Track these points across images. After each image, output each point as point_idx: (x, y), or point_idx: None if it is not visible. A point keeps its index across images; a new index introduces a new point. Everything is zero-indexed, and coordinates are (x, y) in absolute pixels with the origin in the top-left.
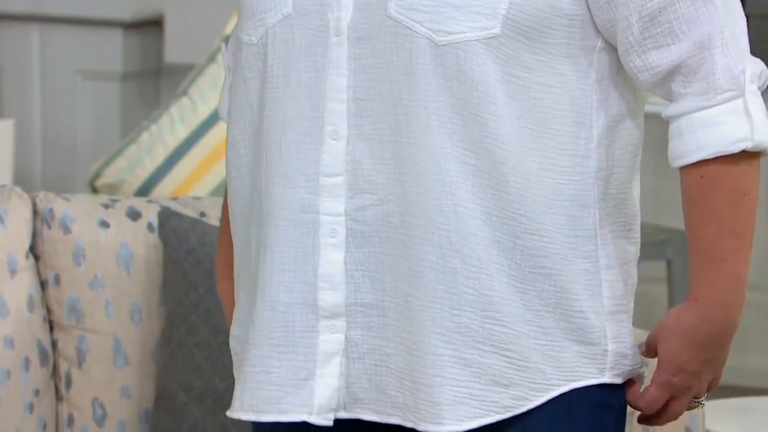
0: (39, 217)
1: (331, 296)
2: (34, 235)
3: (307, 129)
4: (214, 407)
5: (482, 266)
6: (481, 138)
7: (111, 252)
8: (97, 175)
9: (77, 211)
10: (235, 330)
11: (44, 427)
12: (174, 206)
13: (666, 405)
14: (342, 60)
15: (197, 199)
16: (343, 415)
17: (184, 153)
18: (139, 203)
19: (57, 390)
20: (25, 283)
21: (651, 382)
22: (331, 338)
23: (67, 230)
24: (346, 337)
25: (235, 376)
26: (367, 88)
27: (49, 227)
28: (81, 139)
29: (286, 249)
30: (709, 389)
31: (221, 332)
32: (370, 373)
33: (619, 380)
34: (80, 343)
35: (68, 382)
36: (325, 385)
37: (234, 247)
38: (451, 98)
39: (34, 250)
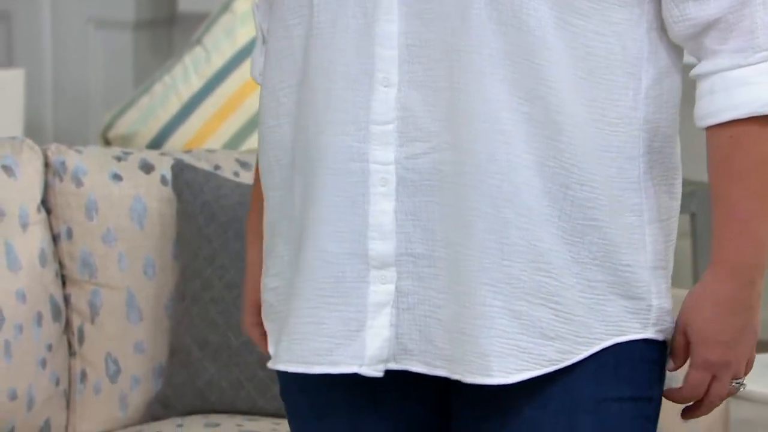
0: (51, 169)
1: (381, 246)
2: (46, 188)
3: (356, 76)
4: (228, 363)
5: (533, 216)
6: (535, 85)
7: (124, 205)
8: (109, 126)
9: (89, 163)
10: (271, 283)
11: (57, 382)
12: (188, 159)
13: (707, 389)
14: (392, 5)
15: (211, 151)
16: (392, 366)
17: (198, 104)
18: (152, 156)
19: (70, 345)
20: (36, 236)
21: (689, 368)
22: (381, 288)
23: (79, 183)
24: (396, 287)
25: (267, 327)
26: (418, 34)
27: (61, 180)
28: (93, 89)
29: (335, 198)
30: (746, 371)
31: (236, 287)
32: (420, 324)
33: (660, 336)
34: (93, 297)
35: (81, 337)
36: (376, 336)
37: (268, 198)
38: (505, 44)
39: (45, 204)
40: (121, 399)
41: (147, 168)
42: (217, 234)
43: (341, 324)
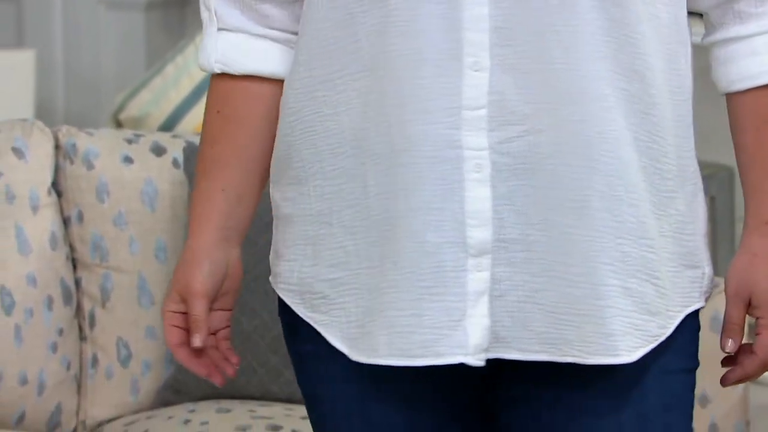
0: (61, 152)
1: (479, 233)
2: (57, 170)
3: (444, 62)
4: (240, 347)
5: (639, 192)
6: (632, 60)
7: (135, 188)
8: (121, 108)
9: (101, 146)
10: (328, 273)
11: (68, 366)
12: (199, 141)
13: None
14: None
15: None
16: (485, 355)
17: None
18: (163, 138)
19: (81, 329)
20: (47, 219)
21: (758, 332)
22: (478, 276)
23: (90, 166)
24: (491, 274)
25: (315, 317)
26: (509, 16)
27: (72, 163)
28: (104, 70)
29: (431, 187)
30: None
31: (247, 272)
32: (513, 310)
33: (704, 303)
34: (104, 281)
35: (92, 322)
36: (477, 325)
37: (312, 187)
38: (607, 21)
39: (56, 186)
40: (133, 384)
41: (158, 150)
42: None
43: (444, 314)
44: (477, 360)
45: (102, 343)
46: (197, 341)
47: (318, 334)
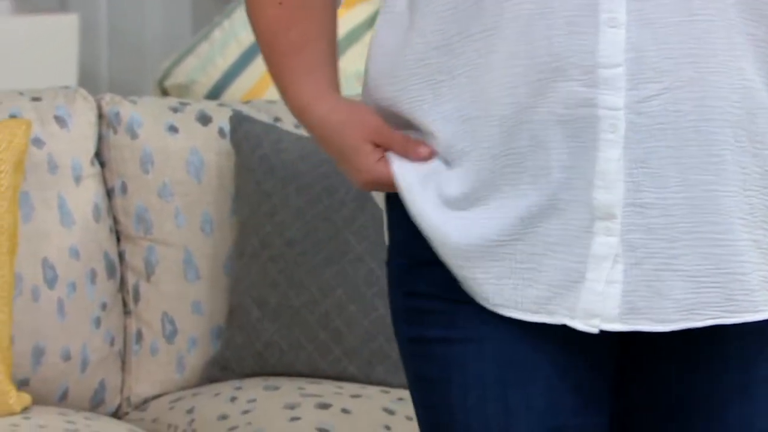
0: (105, 121)
1: (605, 195)
2: (100, 140)
3: (577, 18)
4: (289, 323)
5: (765, 141)
6: (761, 4)
7: (180, 158)
8: (166, 75)
9: (145, 114)
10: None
11: (112, 342)
12: (246, 110)
13: None
14: None
15: (271, 102)
16: (617, 327)
17: (259, 51)
18: (209, 107)
19: (125, 304)
20: (90, 191)
21: None
22: (604, 241)
23: (134, 135)
24: (623, 241)
25: (456, 263)
26: None
27: (116, 132)
28: (149, 35)
29: (564, 146)
30: None
31: (297, 244)
32: (651, 278)
33: None
34: (149, 254)
35: (136, 296)
36: (591, 290)
37: (445, 152)
38: None
39: (99, 156)
40: (178, 360)
41: (204, 119)
42: (276, 189)
43: (562, 273)
44: (587, 326)
45: (147, 318)
46: (425, 149)
47: (451, 316)
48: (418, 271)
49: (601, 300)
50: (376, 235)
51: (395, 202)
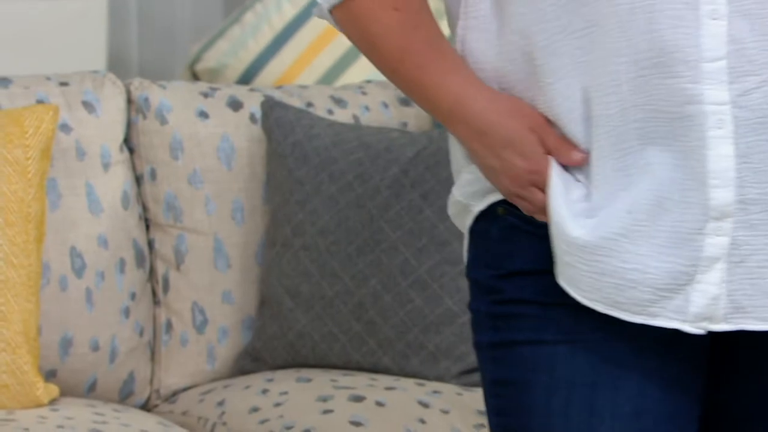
0: (134, 106)
1: (722, 194)
2: (129, 126)
3: (680, 12)
4: (321, 314)
5: None
6: None
7: (211, 145)
8: (196, 59)
9: (174, 100)
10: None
11: (141, 332)
12: (278, 95)
13: None
14: None
15: (304, 87)
16: (723, 327)
17: (292, 35)
18: (240, 92)
19: (154, 293)
20: (119, 177)
21: None
22: (716, 241)
23: (163, 121)
24: (731, 239)
25: (563, 256)
26: None
27: (145, 117)
28: (180, 18)
29: (673, 145)
30: None
31: (329, 233)
32: (754, 276)
33: None
34: (179, 243)
35: (166, 286)
36: (703, 293)
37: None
38: None
39: (128, 143)
40: (209, 351)
41: (235, 105)
42: (309, 176)
43: (669, 277)
44: (696, 328)
45: (176, 308)
46: (578, 154)
47: (543, 319)
48: (508, 280)
49: (712, 303)
50: (412, 223)
51: (490, 214)
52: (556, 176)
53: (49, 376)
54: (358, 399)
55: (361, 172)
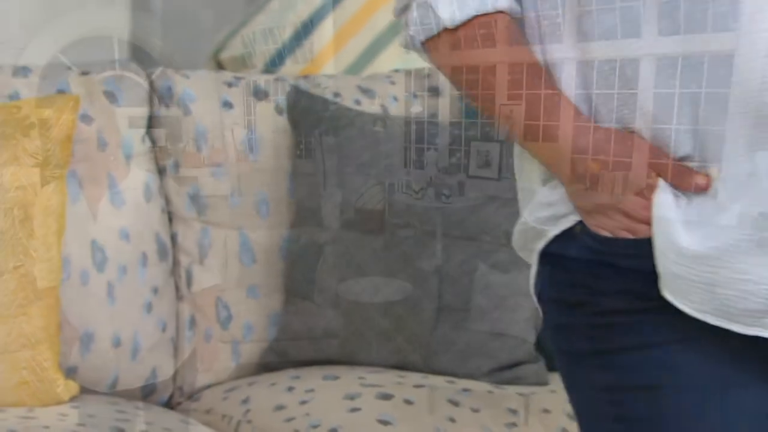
0: (156, 96)
1: None
2: (151, 116)
3: None
4: (348, 310)
5: None
6: None
7: (235, 136)
8: (221, 48)
9: (198, 89)
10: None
11: (164, 328)
12: (304, 85)
13: None
14: None
15: (331, 77)
16: None
17: (317, 23)
18: (265, 81)
19: (177, 288)
20: (141, 169)
21: None
22: None
23: (186, 111)
24: None
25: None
26: None
27: (168, 107)
28: (203, 5)
29: None
30: None
31: (355, 228)
32: None
33: None
34: (202, 237)
35: (189, 280)
36: None
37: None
38: None
39: (150, 134)
40: (233, 347)
41: (260, 95)
42: (335, 169)
43: None
44: None
45: (200, 303)
46: (703, 179)
47: (645, 324)
48: (601, 294)
49: None
50: (441, 217)
51: (565, 236)
52: (664, 185)
53: (70, 372)
54: (386, 397)
55: (389, 164)
